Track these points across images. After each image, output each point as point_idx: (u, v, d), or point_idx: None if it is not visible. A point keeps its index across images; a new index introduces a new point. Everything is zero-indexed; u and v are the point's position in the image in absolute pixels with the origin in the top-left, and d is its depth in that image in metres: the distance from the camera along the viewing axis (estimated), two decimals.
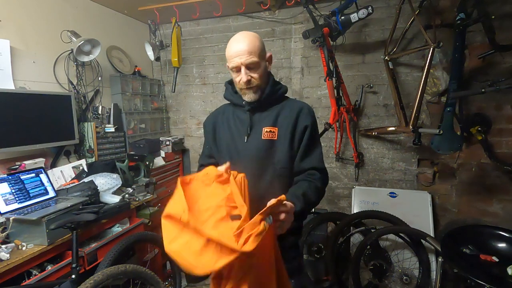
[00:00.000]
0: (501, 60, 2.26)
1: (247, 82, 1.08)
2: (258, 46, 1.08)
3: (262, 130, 1.12)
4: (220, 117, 1.25)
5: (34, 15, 2.09)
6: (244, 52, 1.06)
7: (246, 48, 1.06)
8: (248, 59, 1.06)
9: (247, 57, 1.06)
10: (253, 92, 1.11)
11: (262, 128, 1.13)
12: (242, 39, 1.08)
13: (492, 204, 2.40)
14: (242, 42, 1.07)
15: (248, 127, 1.14)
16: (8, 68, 1.90)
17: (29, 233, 1.60)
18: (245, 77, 1.07)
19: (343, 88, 2.49)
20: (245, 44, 1.06)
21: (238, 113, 1.20)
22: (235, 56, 1.07)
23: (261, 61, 1.10)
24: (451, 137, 2.13)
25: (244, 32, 1.12)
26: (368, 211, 2.45)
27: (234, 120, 1.20)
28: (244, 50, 1.06)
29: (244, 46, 1.06)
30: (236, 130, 1.17)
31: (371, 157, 2.73)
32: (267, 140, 1.11)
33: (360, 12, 2.19)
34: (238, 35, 1.11)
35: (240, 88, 1.12)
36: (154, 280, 1.84)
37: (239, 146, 1.15)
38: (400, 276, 2.31)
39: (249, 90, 1.11)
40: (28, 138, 1.93)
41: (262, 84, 1.12)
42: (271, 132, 1.12)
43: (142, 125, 2.96)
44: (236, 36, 1.11)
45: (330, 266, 2.34)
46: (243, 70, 1.07)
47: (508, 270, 1.58)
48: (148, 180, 2.49)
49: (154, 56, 2.85)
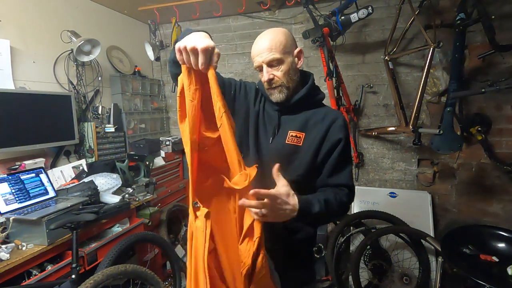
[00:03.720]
0: (501, 60, 2.26)
1: (269, 82, 1.00)
2: (281, 41, 0.99)
3: (287, 133, 1.03)
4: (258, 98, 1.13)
5: (34, 15, 2.09)
6: (264, 49, 0.98)
7: (267, 45, 0.98)
8: (268, 57, 0.98)
9: (267, 54, 0.98)
10: (278, 92, 1.01)
11: (288, 131, 1.03)
12: (263, 36, 1.00)
13: (492, 204, 2.40)
14: (264, 39, 0.99)
15: (276, 127, 1.05)
16: (8, 68, 1.90)
17: (29, 233, 1.60)
18: (266, 76, 0.99)
19: (343, 88, 2.49)
20: (266, 41, 0.99)
21: (268, 107, 1.10)
22: (256, 55, 1.00)
23: (286, 57, 1.00)
24: (451, 137, 2.13)
25: (270, 29, 1.03)
26: (368, 211, 2.45)
27: (263, 114, 1.10)
28: (264, 47, 0.98)
29: (265, 43, 0.98)
30: (263, 127, 1.07)
31: (371, 157, 2.73)
32: (291, 145, 1.02)
33: (360, 12, 2.19)
34: (262, 33, 1.03)
35: (265, 88, 1.04)
36: (154, 280, 1.84)
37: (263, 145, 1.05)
38: (400, 276, 2.31)
39: (273, 90, 1.02)
40: (28, 138, 1.93)
41: (288, 82, 1.02)
42: (296, 137, 1.02)
43: (142, 125, 2.96)
44: (260, 35, 1.03)
45: (330, 266, 2.34)
46: (265, 69, 1.00)
47: (508, 270, 1.58)
48: (148, 180, 2.49)
49: (154, 56, 2.85)
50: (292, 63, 1.02)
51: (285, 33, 1.01)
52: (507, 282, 1.55)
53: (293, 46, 1.03)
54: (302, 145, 1.01)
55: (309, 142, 1.01)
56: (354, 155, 2.65)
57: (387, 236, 2.35)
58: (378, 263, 2.27)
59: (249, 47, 3.56)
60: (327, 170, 1.01)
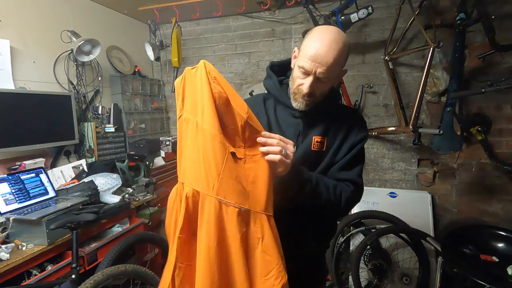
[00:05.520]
0: (501, 60, 2.26)
1: (308, 94, 0.92)
2: (342, 63, 0.91)
3: (312, 139, 0.98)
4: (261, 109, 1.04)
5: (34, 15, 2.09)
6: (325, 62, 0.87)
7: (331, 60, 0.87)
8: (324, 73, 0.88)
9: (324, 70, 0.87)
10: (306, 103, 0.95)
11: (313, 137, 0.98)
12: (331, 45, 0.87)
13: (492, 204, 2.40)
14: (330, 49, 0.87)
15: (300, 135, 0.99)
16: (8, 68, 1.90)
17: (29, 233, 1.60)
18: (308, 89, 0.91)
19: (343, 88, 2.49)
20: (332, 53, 0.86)
21: (283, 113, 1.02)
22: (313, 59, 0.87)
23: (335, 78, 0.95)
24: (451, 137, 2.13)
25: (339, 34, 0.90)
26: (368, 211, 2.45)
27: (277, 121, 1.02)
28: (326, 60, 0.87)
29: (330, 56, 0.86)
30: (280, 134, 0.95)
31: (371, 157, 2.73)
32: (316, 152, 0.98)
33: (360, 12, 2.19)
34: (330, 34, 0.89)
35: (295, 92, 0.96)
36: (154, 280, 1.84)
37: None
38: (400, 276, 2.31)
39: (303, 99, 0.94)
40: (28, 138, 1.93)
41: (320, 98, 0.97)
42: (320, 143, 0.98)
43: (142, 125, 2.96)
44: (327, 34, 0.89)
45: (330, 266, 2.35)
46: (310, 80, 0.90)
47: (508, 270, 1.58)
48: (148, 180, 2.49)
49: (154, 56, 2.85)
50: (335, 82, 0.98)
51: (348, 49, 0.92)
52: (507, 282, 1.54)
53: (344, 65, 0.95)
54: (325, 149, 0.99)
55: (331, 147, 0.99)
56: None
57: (387, 236, 2.35)
58: (378, 263, 2.27)
59: (249, 47, 3.55)
60: (339, 165, 0.99)
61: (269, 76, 1.07)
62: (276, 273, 0.80)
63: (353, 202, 1.00)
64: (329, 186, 0.93)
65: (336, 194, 0.93)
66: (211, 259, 0.77)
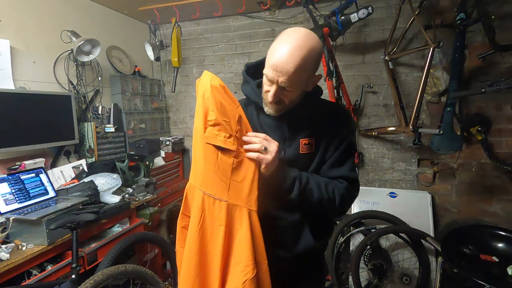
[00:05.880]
0: (501, 60, 2.26)
1: (273, 102, 0.89)
2: (307, 69, 0.84)
3: (299, 142, 0.95)
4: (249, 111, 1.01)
5: (34, 15, 2.09)
6: (286, 72, 0.81)
7: (292, 69, 0.81)
8: (286, 83, 0.83)
9: (286, 79, 0.82)
10: (276, 110, 0.92)
11: (300, 140, 0.95)
12: (293, 53, 0.80)
13: (492, 204, 2.40)
14: (291, 58, 0.80)
15: (286, 139, 0.96)
16: (8, 68, 1.90)
17: (29, 233, 1.59)
18: (272, 98, 0.87)
19: (343, 88, 2.49)
20: (293, 62, 0.80)
21: (267, 118, 0.98)
22: (274, 68, 0.83)
23: (302, 85, 0.88)
24: (451, 137, 2.13)
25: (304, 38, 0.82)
26: (368, 211, 2.45)
27: (262, 127, 0.99)
28: (287, 70, 0.81)
29: (291, 65, 0.80)
30: None
31: (371, 157, 2.73)
32: (306, 154, 0.96)
33: (360, 12, 2.19)
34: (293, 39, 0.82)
35: (263, 98, 0.93)
36: (154, 280, 1.84)
37: None
38: (400, 276, 2.31)
39: (272, 106, 0.91)
40: (28, 138, 1.93)
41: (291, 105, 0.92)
42: (309, 145, 0.95)
43: (142, 125, 2.96)
44: (289, 39, 0.82)
45: (330, 266, 2.35)
46: (275, 88, 0.86)
47: (508, 270, 1.58)
48: (148, 180, 2.49)
49: (154, 56, 2.85)
50: (304, 89, 0.91)
51: (315, 54, 0.84)
52: (507, 282, 1.55)
53: (315, 71, 0.90)
54: (315, 150, 0.96)
55: (320, 146, 0.96)
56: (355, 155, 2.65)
57: (387, 236, 2.35)
58: (378, 263, 2.27)
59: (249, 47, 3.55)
60: (329, 163, 0.97)
61: (246, 81, 1.01)
62: (243, 267, 0.84)
63: (349, 198, 0.97)
64: (321, 184, 0.92)
65: (328, 191, 0.92)
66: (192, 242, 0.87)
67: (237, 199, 0.87)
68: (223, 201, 0.87)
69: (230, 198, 0.87)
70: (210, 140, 0.87)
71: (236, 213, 0.88)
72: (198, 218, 0.88)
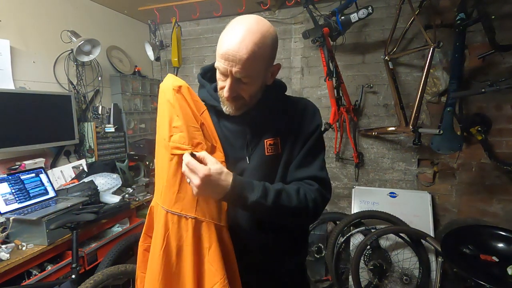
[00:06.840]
0: (501, 60, 2.25)
1: (230, 98, 0.81)
2: (262, 56, 0.76)
3: (264, 143, 0.87)
4: None
5: (34, 15, 2.09)
6: (238, 60, 0.73)
7: (245, 55, 0.73)
8: (241, 72, 0.75)
9: (240, 68, 0.74)
10: (236, 107, 0.84)
11: (264, 141, 0.87)
12: (244, 38, 0.73)
13: (492, 204, 2.40)
14: (242, 43, 0.73)
15: (247, 142, 0.88)
16: (8, 68, 1.90)
17: (29, 233, 1.60)
18: (227, 93, 0.79)
19: (343, 88, 2.49)
20: (246, 47, 0.73)
21: (228, 123, 0.89)
22: (225, 58, 0.75)
23: (260, 76, 0.81)
24: (451, 137, 2.13)
25: (255, 23, 0.75)
26: (368, 211, 2.45)
27: (224, 134, 0.89)
28: (239, 57, 0.73)
29: (243, 51, 0.73)
30: (229, 148, 0.88)
31: (371, 157, 2.73)
32: (271, 156, 0.87)
33: (360, 12, 2.19)
34: (243, 24, 0.75)
35: (220, 96, 0.85)
36: None
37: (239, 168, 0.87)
38: (400, 276, 2.31)
39: (231, 103, 0.83)
40: (28, 138, 1.93)
41: (251, 101, 0.85)
42: (274, 146, 0.87)
43: (142, 125, 2.96)
44: (239, 25, 0.75)
45: (330, 266, 2.35)
46: (230, 82, 0.78)
47: (508, 270, 1.58)
48: (148, 180, 2.49)
49: (154, 56, 2.85)
50: (264, 81, 0.84)
51: (270, 39, 0.78)
52: (507, 282, 1.54)
53: (273, 59, 0.82)
54: (281, 150, 0.88)
55: (287, 146, 0.88)
56: (354, 155, 2.65)
57: (387, 236, 2.35)
58: (378, 263, 2.27)
59: None
60: (296, 163, 0.88)
61: (202, 85, 0.93)
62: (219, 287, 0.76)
63: (321, 202, 0.86)
64: (291, 194, 0.80)
65: (300, 198, 0.81)
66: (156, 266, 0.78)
67: (206, 215, 0.79)
68: (190, 218, 0.78)
69: (198, 214, 0.79)
70: (175, 151, 0.78)
71: (204, 230, 0.79)
72: (161, 239, 0.78)
